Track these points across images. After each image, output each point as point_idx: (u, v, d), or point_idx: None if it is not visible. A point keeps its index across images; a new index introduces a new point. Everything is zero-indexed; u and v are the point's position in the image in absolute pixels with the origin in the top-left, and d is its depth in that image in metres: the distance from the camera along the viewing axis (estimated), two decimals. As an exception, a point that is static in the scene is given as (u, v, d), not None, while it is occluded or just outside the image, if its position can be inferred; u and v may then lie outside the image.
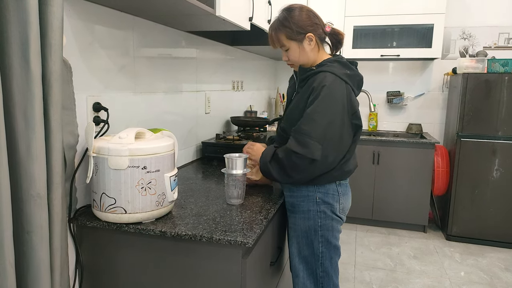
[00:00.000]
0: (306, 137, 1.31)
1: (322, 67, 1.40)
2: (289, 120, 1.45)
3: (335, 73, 1.35)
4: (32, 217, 0.96)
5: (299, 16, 1.40)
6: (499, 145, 3.06)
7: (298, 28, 1.39)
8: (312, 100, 1.34)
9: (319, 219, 1.45)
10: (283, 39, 1.41)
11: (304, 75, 1.44)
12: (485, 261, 2.91)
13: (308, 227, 1.46)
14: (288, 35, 1.40)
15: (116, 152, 1.12)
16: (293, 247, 1.52)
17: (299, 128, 1.33)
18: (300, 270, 1.50)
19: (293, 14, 1.40)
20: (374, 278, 2.61)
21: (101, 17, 1.35)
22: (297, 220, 1.48)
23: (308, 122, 1.32)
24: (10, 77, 0.91)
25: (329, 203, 1.44)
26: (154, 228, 1.15)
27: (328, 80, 1.33)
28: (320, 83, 1.34)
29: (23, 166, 0.94)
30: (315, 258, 1.47)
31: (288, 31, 1.40)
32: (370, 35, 3.47)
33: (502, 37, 3.46)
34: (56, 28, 0.96)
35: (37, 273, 0.98)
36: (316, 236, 1.45)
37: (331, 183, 1.44)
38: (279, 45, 1.44)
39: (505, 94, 3.00)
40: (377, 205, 3.46)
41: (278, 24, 1.41)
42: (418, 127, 3.71)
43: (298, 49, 1.42)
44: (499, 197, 3.11)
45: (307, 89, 1.39)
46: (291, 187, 1.48)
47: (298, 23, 1.39)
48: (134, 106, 1.58)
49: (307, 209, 1.45)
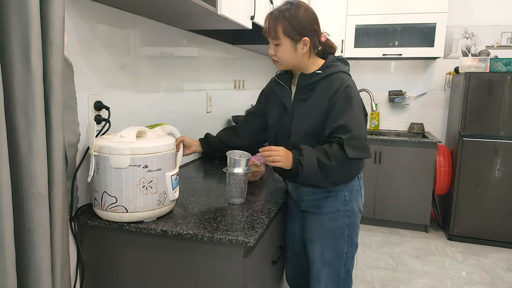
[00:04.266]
0: (363, 140, 1.31)
1: (330, 69, 1.37)
2: (303, 130, 1.39)
3: (345, 72, 1.37)
4: (33, 216, 0.96)
5: (304, 16, 1.34)
6: (501, 145, 3.05)
7: (298, 27, 1.32)
8: (345, 103, 1.31)
9: (347, 218, 1.44)
10: (279, 31, 1.33)
11: (310, 81, 1.38)
12: (487, 261, 2.90)
13: (336, 227, 1.44)
14: (286, 29, 1.32)
15: (118, 151, 1.11)
16: (316, 250, 1.47)
17: (353, 135, 1.28)
18: (323, 275, 1.47)
19: (299, 11, 1.33)
20: (376, 278, 2.61)
21: (102, 16, 1.34)
22: (324, 221, 1.45)
23: (358, 125, 1.31)
24: (11, 75, 0.91)
25: (355, 199, 1.46)
26: (155, 227, 1.14)
27: (347, 79, 1.35)
28: (341, 85, 1.32)
29: (24, 165, 0.94)
30: (339, 259, 1.46)
31: (287, 26, 1.32)
32: (372, 34, 3.45)
33: (505, 36, 3.45)
34: (57, 27, 0.96)
35: (38, 272, 0.98)
36: (342, 236, 1.44)
37: (354, 178, 1.45)
38: (273, 35, 1.35)
39: (508, 93, 2.98)
40: (379, 205, 3.45)
41: (280, 15, 1.33)
42: (420, 127, 3.70)
43: (290, 49, 1.35)
44: (501, 197, 3.10)
45: (322, 94, 1.34)
46: (316, 189, 1.44)
47: (300, 23, 1.33)
48: (136, 105, 1.58)
49: (336, 209, 1.43)
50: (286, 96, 1.45)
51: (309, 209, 1.49)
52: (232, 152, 1.41)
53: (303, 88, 1.40)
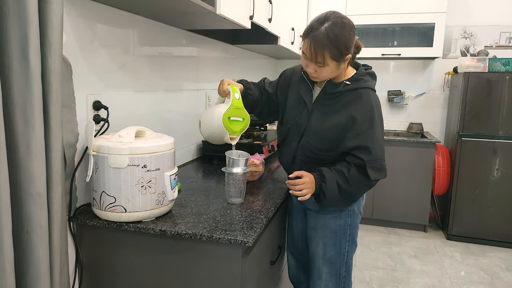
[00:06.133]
0: (382, 162, 1.35)
1: (359, 83, 1.36)
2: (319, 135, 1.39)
3: (372, 88, 1.38)
4: (32, 216, 0.96)
5: (349, 36, 1.26)
6: (500, 145, 3.06)
7: (345, 50, 1.26)
8: (366, 122, 1.32)
9: (349, 218, 1.47)
10: (327, 58, 1.25)
11: (336, 90, 1.36)
12: (486, 260, 2.90)
13: (338, 226, 1.47)
14: (334, 56, 1.25)
15: (116, 151, 1.11)
16: (318, 248, 1.50)
17: (375, 157, 1.32)
18: (323, 272, 1.50)
19: (344, 32, 1.25)
20: (374, 278, 2.61)
21: (101, 15, 1.34)
22: (327, 220, 1.48)
23: (380, 148, 1.34)
24: (10, 75, 0.90)
25: (357, 201, 1.48)
26: (154, 227, 1.14)
27: (373, 98, 1.36)
28: (367, 103, 1.33)
29: (23, 165, 0.94)
30: (340, 258, 1.49)
31: (335, 52, 1.24)
32: (371, 34, 3.46)
33: (504, 36, 3.45)
34: (56, 26, 0.95)
35: (36, 272, 0.98)
36: (344, 235, 1.47)
37: None
38: (320, 61, 1.26)
39: (506, 93, 2.99)
40: (378, 204, 3.45)
41: (326, 41, 1.23)
42: (419, 126, 3.70)
43: (335, 69, 1.30)
44: (500, 197, 3.10)
45: (346, 107, 1.34)
46: None
47: (347, 45, 1.26)
48: (134, 105, 1.58)
49: (339, 209, 1.46)
50: (308, 96, 1.44)
51: (314, 208, 1.50)
52: (231, 152, 1.41)
53: (328, 94, 1.39)
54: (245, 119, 1.48)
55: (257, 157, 1.66)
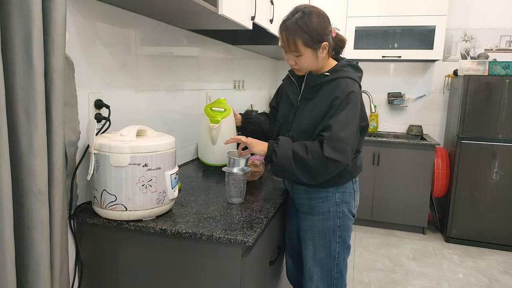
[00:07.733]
0: (344, 144, 1.28)
1: (338, 73, 1.37)
2: (302, 127, 1.41)
3: (353, 78, 1.36)
4: (33, 213, 0.96)
5: (318, 22, 1.31)
6: (499, 148, 3.06)
7: (317, 36, 1.30)
8: (340, 106, 1.30)
9: (338, 220, 1.45)
10: (299, 45, 1.31)
11: (317, 82, 1.39)
12: (484, 263, 2.91)
13: (327, 228, 1.45)
14: (306, 42, 1.30)
15: (117, 149, 1.12)
16: (309, 249, 1.49)
17: (335, 135, 1.28)
18: (315, 274, 1.49)
19: (312, 19, 1.30)
20: (373, 279, 2.61)
21: (103, 15, 1.35)
22: (315, 221, 1.47)
23: (344, 129, 1.29)
24: (13, 72, 0.91)
25: (347, 201, 1.46)
26: (155, 225, 1.15)
27: (352, 86, 1.33)
28: (345, 90, 1.31)
29: (25, 162, 0.94)
30: (331, 259, 1.47)
31: (306, 38, 1.30)
32: (372, 36, 3.46)
33: (504, 39, 3.46)
34: (59, 25, 0.96)
35: (37, 269, 0.98)
36: (334, 237, 1.46)
37: (348, 181, 1.46)
38: (293, 49, 1.33)
39: (506, 96, 3.00)
40: (377, 206, 3.46)
41: (296, 28, 1.29)
42: (418, 129, 3.71)
43: (312, 57, 1.34)
44: (499, 200, 3.11)
45: (325, 96, 1.35)
46: (308, 190, 1.46)
47: (318, 31, 1.30)
48: (136, 104, 1.58)
49: (327, 210, 1.45)
50: (295, 93, 1.49)
51: (302, 209, 1.51)
52: (231, 152, 1.42)
53: (310, 88, 1.43)
54: (227, 110, 1.75)
55: (257, 157, 1.67)
